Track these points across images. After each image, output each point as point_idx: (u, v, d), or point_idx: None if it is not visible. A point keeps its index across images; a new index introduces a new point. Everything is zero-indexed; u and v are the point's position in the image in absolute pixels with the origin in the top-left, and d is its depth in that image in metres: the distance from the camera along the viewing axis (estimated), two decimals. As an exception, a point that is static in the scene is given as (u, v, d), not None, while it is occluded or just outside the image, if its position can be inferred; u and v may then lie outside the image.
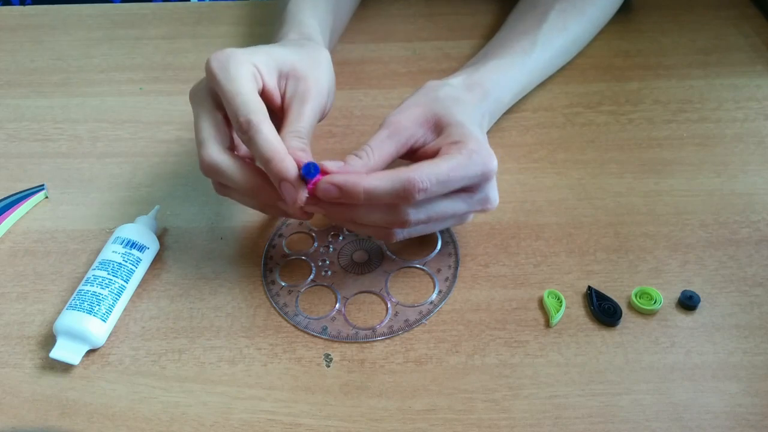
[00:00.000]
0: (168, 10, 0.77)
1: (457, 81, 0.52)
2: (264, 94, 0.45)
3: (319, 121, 0.48)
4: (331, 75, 0.50)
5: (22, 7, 0.80)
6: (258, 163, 0.44)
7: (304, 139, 0.44)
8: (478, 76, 0.53)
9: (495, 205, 0.46)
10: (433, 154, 0.44)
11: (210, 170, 0.44)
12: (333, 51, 0.69)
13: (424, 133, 0.46)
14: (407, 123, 0.45)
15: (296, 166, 0.42)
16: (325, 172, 0.42)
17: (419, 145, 0.46)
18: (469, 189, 0.44)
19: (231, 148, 0.45)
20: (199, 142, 0.44)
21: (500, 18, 0.72)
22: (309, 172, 0.42)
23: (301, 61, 0.47)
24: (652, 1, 0.73)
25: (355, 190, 0.41)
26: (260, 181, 0.44)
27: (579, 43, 0.64)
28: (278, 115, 0.47)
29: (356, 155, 0.44)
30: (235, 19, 0.75)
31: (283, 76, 0.47)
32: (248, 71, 0.44)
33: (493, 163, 0.44)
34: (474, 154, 0.43)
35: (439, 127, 0.46)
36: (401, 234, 0.45)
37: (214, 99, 0.45)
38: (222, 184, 0.46)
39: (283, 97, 0.47)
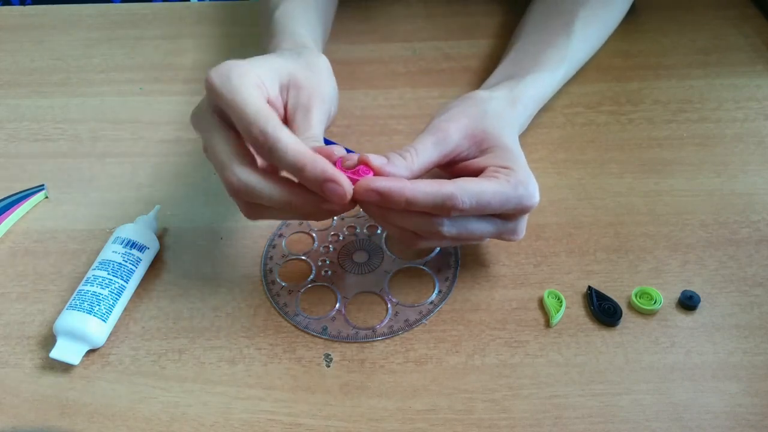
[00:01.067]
0: (168, 10, 0.77)
1: (501, 94, 0.51)
2: (269, 103, 0.43)
3: (326, 129, 0.47)
4: (332, 81, 0.49)
5: (22, 7, 0.80)
6: (285, 173, 0.42)
7: (319, 144, 0.43)
8: (519, 90, 0.52)
9: (520, 238, 0.45)
10: (475, 172, 0.44)
11: (241, 193, 0.41)
12: (331, 52, 0.69)
13: (468, 147, 0.45)
14: (454, 134, 0.44)
15: (331, 163, 0.40)
16: (364, 163, 0.41)
17: (462, 158, 0.45)
18: (503, 216, 0.44)
19: (254, 164, 0.41)
20: (220, 166, 0.41)
21: (500, 18, 0.72)
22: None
23: (301, 70, 0.46)
24: (652, 1, 0.73)
25: (398, 198, 0.40)
26: (298, 190, 0.41)
27: (594, 52, 0.64)
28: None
29: (400, 155, 0.43)
30: (235, 19, 0.75)
31: (284, 87, 0.45)
32: (252, 81, 0.41)
33: (536, 199, 0.43)
34: (520, 186, 0.42)
35: (484, 145, 0.45)
36: (427, 243, 0.44)
37: (221, 117, 0.42)
38: (253, 205, 0.42)
39: (285, 108, 0.45)
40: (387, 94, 0.64)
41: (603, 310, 0.46)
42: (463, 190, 0.40)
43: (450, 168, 0.46)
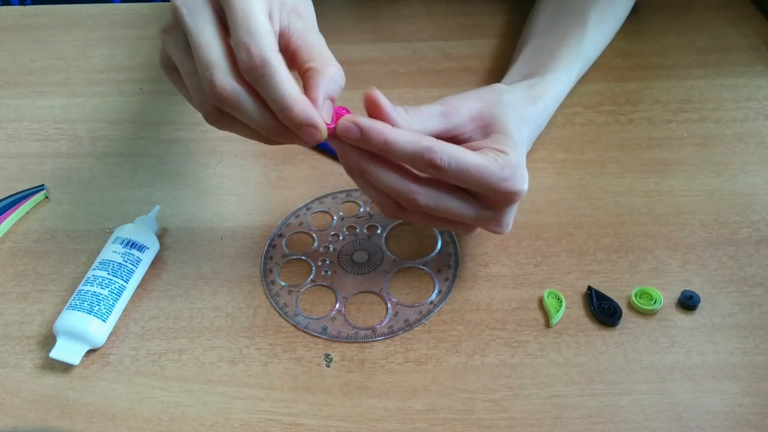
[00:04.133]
0: (168, 10, 0.77)
1: (520, 90, 0.50)
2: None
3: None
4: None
5: (22, 7, 0.80)
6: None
7: (341, 81, 0.41)
8: (541, 88, 0.52)
9: (506, 231, 0.44)
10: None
11: (224, 101, 0.37)
12: (333, 51, 0.69)
13: (473, 129, 0.44)
14: (463, 111, 0.44)
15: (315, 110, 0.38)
16: (370, 97, 0.41)
17: (464, 138, 0.44)
18: (485, 200, 0.43)
19: (241, 74, 0.38)
20: (206, 64, 0.37)
21: (500, 18, 0.72)
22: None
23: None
24: (652, 1, 0.73)
25: (377, 137, 0.39)
26: (277, 120, 0.39)
27: (602, 51, 0.64)
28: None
29: (404, 109, 0.42)
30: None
31: (285, 12, 0.41)
32: None
33: (521, 186, 0.42)
34: (507, 168, 0.41)
35: (489, 130, 0.44)
36: (407, 216, 0.43)
37: (216, 12, 0.38)
38: (223, 114, 0.40)
39: (288, 34, 0.41)
40: (387, 94, 0.63)
41: (603, 310, 0.46)
42: (443, 147, 0.40)
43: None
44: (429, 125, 0.43)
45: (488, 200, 0.43)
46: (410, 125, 0.42)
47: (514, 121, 0.45)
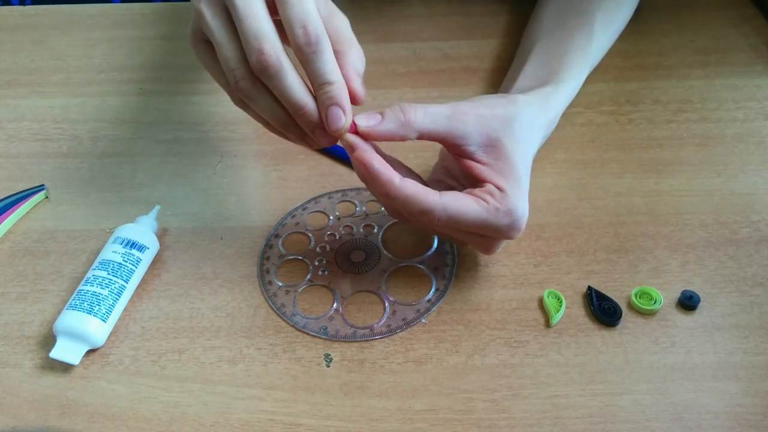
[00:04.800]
0: (168, 10, 0.77)
1: (538, 100, 0.50)
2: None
3: None
4: None
5: (22, 7, 0.80)
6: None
7: (363, 59, 0.43)
8: (556, 99, 0.52)
9: (489, 255, 0.47)
10: (473, 174, 0.44)
11: (267, 69, 0.39)
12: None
13: (479, 145, 0.44)
14: (471, 123, 0.43)
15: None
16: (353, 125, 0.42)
17: (468, 151, 0.44)
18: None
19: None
20: (255, 33, 0.39)
21: (500, 18, 0.72)
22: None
23: None
24: (652, 1, 0.73)
25: (381, 183, 0.41)
26: (308, 100, 0.41)
27: (605, 54, 0.63)
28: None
29: (401, 109, 0.42)
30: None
31: None
32: None
33: (518, 231, 0.43)
34: (505, 216, 0.42)
35: (494, 154, 0.44)
36: (412, 225, 0.46)
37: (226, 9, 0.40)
38: (251, 86, 0.41)
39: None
40: (387, 94, 0.64)
41: (603, 310, 0.46)
42: (443, 207, 0.41)
43: (459, 160, 0.45)
44: (434, 127, 0.43)
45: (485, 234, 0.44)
46: (413, 125, 0.42)
47: (520, 145, 0.45)
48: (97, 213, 0.54)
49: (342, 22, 0.43)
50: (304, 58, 0.39)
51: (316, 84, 0.40)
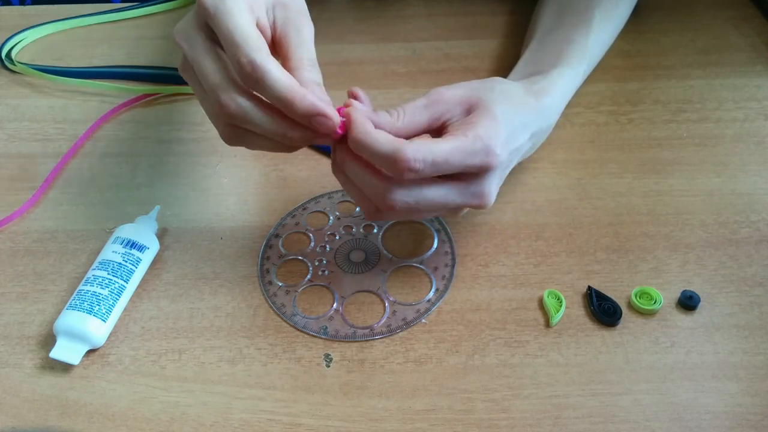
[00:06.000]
0: (168, 10, 0.77)
1: (520, 84, 0.49)
2: (258, 27, 0.42)
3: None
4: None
5: (22, 7, 0.80)
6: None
7: (316, 67, 0.42)
8: (545, 84, 0.50)
9: (490, 202, 0.43)
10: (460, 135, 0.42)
11: (234, 118, 0.40)
12: (332, 52, 0.69)
13: (459, 112, 0.43)
14: (447, 97, 0.43)
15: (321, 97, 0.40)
16: (353, 97, 0.42)
17: (450, 123, 0.43)
18: (464, 177, 0.42)
19: (247, 89, 0.41)
20: (213, 88, 0.40)
21: (500, 18, 0.72)
22: None
23: None
24: (652, 1, 0.73)
25: (354, 130, 0.40)
26: (289, 121, 0.41)
27: (606, 51, 0.62)
28: (271, 48, 0.43)
29: (387, 112, 0.42)
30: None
31: (270, 7, 0.43)
32: (244, 2, 0.40)
33: (496, 155, 0.41)
34: (479, 140, 0.40)
35: (471, 110, 0.43)
36: (387, 214, 0.43)
37: (208, 35, 0.41)
38: (238, 131, 0.42)
39: (273, 27, 0.43)
40: (387, 94, 0.64)
41: (603, 310, 0.46)
42: (414, 148, 0.39)
43: (439, 134, 0.43)
44: (416, 121, 0.42)
45: (466, 176, 0.42)
46: (397, 126, 0.42)
47: (501, 104, 0.44)
48: (97, 213, 0.54)
49: (293, 33, 0.43)
50: (254, 89, 0.40)
51: (282, 110, 0.40)
